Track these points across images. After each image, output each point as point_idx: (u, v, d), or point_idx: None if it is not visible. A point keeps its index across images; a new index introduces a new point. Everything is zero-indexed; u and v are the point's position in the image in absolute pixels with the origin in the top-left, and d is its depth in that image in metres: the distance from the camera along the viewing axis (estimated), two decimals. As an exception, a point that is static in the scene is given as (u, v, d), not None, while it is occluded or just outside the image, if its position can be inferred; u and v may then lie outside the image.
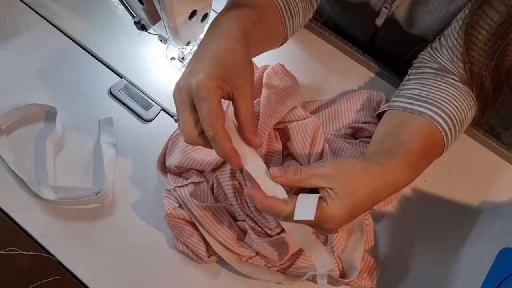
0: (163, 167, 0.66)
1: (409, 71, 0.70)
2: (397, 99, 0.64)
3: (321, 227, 0.50)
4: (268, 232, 0.61)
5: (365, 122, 0.69)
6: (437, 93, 0.62)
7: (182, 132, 0.50)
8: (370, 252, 0.65)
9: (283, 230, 0.61)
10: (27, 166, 0.66)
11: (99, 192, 0.64)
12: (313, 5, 0.72)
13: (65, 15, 0.78)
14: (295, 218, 0.48)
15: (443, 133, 0.60)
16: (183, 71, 0.75)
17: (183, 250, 0.62)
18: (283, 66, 0.71)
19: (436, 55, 0.67)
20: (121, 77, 0.74)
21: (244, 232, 0.62)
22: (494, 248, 0.65)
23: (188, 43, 0.70)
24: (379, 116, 0.68)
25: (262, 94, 0.66)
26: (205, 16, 0.66)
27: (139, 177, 0.67)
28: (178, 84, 0.50)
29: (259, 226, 0.61)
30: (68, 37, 0.76)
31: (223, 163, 0.64)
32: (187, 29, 0.65)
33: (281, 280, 0.61)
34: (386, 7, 0.72)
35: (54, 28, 0.77)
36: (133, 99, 0.72)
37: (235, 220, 0.63)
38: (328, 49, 0.80)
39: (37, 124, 0.69)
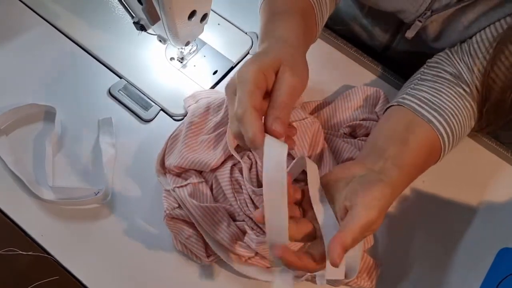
0: (163, 168, 0.66)
1: (422, 70, 0.69)
2: (408, 97, 0.63)
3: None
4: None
5: (363, 119, 0.69)
6: (447, 103, 0.62)
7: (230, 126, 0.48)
8: (369, 252, 0.65)
9: None
10: (26, 167, 0.66)
11: (98, 192, 0.64)
12: (336, 3, 0.70)
13: (65, 16, 0.78)
14: None
15: (442, 146, 0.61)
16: (182, 71, 0.75)
17: (182, 251, 0.62)
18: None
19: (455, 59, 0.66)
20: (120, 77, 0.74)
21: (243, 232, 0.62)
22: (493, 248, 0.65)
23: (187, 43, 0.70)
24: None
25: None
26: (204, 17, 0.67)
27: (138, 177, 0.67)
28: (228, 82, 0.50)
29: (258, 226, 0.61)
30: (68, 37, 0.76)
31: (222, 164, 0.64)
32: (186, 30, 0.65)
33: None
34: (420, 21, 0.69)
35: (54, 29, 0.77)
36: (132, 99, 0.72)
37: (234, 220, 0.63)
38: (329, 49, 0.80)
39: (36, 124, 0.69)
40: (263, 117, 0.47)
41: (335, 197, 0.52)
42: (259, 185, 0.63)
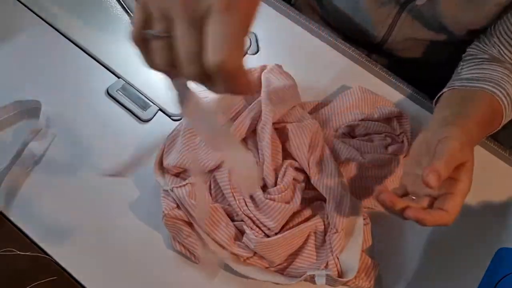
0: (161, 168, 0.66)
1: (461, 63, 0.72)
2: (454, 82, 0.66)
3: None
4: (267, 232, 0.61)
5: (362, 120, 0.69)
6: (494, 74, 0.66)
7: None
8: (367, 252, 0.65)
9: (281, 231, 0.61)
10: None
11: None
12: None
13: (63, 16, 0.77)
14: None
15: (502, 104, 0.64)
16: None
17: (180, 251, 0.62)
18: (280, 66, 0.71)
19: (486, 47, 0.70)
20: (118, 77, 0.74)
21: (242, 232, 0.62)
22: (491, 247, 0.65)
23: (185, 43, 0.70)
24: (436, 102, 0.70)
25: (262, 92, 0.66)
26: (202, 16, 0.66)
27: (137, 177, 0.67)
28: None
29: (257, 226, 0.61)
30: (65, 37, 0.76)
31: (220, 164, 0.64)
32: (184, 29, 0.65)
33: (279, 280, 0.61)
34: None
35: (52, 29, 0.76)
36: (130, 99, 0.72)
37: (233, 220, 0.63)
38: (328, 50, 0.80)
39: (23, 121, 0.69)
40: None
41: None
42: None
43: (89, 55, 0.75)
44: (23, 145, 0.65)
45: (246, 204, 0.62)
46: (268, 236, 0.61)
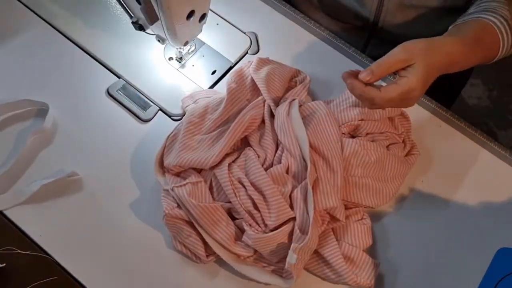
0: (161, 167, 0.66)
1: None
2: (450, 26, 0.68)
3: (404, 101, 0.60)
4: (264, 229, 0.61)
5: (362, 119, 0.69)
6: (492, 4, 0.67)
7: None
8: (368, 251, 0.65)
9: (280, 226, 0.61)
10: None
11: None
12: None
13: (63, 16, 0.78)
14: None
15: (497, 29, 0.64)
16: (181, 71, 0.75)
17: (181, 250, 0.62)
18: (262, 59, 0.72)
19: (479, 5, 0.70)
20: (119, 77, 0.74)
21: (242, 231, 0.62)
22: (492, 248, 0.65)
23: (186, 43, 0.70)
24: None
25: (261, 71, 0.68)
26: (203, 16, 0.66)
27: (137, 177, 0.67)
28: None
29: (256, 223, 0.61)
30: (66, 37, 0.76)
31: (220, 161, 0.64)
32: (185, 29, 0.65)
33: (277, 282, 0.60)
34: None
35: (52, 28, 0.77)
36: (131, 99, 0.72)
37: (233, 219, 0.63)
38: (328, 49, 0.80)
39: (29, 121, 0.69)
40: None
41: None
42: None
43: (89, 55, 0.75)
44: (26, 145, 0.66)
45: (247, 198, 0.61)
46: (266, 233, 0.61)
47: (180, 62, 0.76)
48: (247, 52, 0.78)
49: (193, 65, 0.76)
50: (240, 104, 0.68)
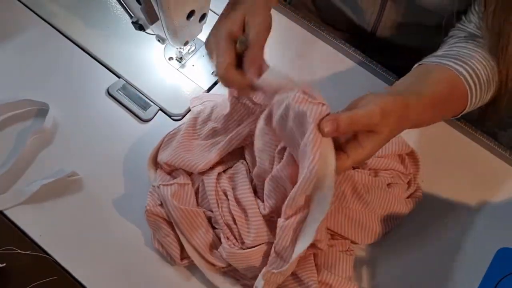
0: (155, 162, 0.66)
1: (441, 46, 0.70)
2: (425, 58, 0.65)
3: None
4: (241, 245, 0.59)
5: None
6: (464, 51, 0.63)
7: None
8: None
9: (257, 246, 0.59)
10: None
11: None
12: None
13: (63, 15, 0.78)
14: None
15: (466, 85, 0.61)
16: (181, 71, 0.75)
17: (158, 249, 0.62)
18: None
19: (464, 25, 0.68)
20: (119, 77, 0.74)
21: (220, 241, 0.61)
22: (492, 248, 0.65)
23: (186, 43, 0.70)
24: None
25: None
26: (203, 16, 0.66)
27: (136, 177, 0.67)
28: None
29: (234, 237, 0.60)
30: (66, 37, 0.76)
31: (211, 168, 0.63)
32: (185, 29, 0.65)
33: None
34: None
35: (52, 28, 0.77)
36: (131, 99, 0.72)
37: (214, 228, 0.62)
38: (327, 49, 0.80)
39: (29, 121, 0.69)
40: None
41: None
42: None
43: (89, 54, 0.75)
44: (26, 145, 0.66)
45: (228, 212, 0.60)
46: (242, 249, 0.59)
47: (180, 62, 0.76)
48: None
49: (193, 65, 0.76)
50: (242, 116, 0.65)
